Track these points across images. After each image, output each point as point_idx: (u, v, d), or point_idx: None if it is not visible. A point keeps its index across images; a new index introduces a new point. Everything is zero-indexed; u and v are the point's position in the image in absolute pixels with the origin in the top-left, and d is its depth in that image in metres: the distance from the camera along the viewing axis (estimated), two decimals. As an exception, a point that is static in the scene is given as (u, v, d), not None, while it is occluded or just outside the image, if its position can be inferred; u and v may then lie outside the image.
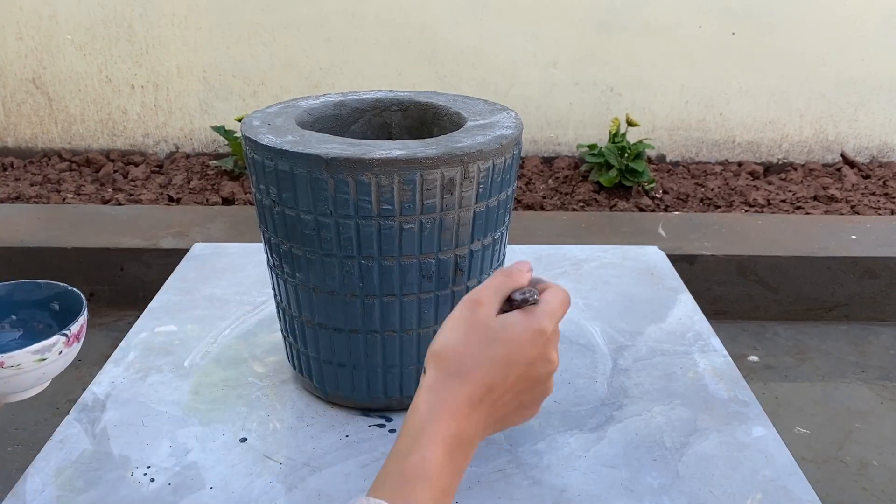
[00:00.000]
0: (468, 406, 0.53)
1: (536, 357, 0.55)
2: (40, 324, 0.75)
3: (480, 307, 0.56)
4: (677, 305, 1.09)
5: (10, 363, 0.64)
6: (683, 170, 2.99)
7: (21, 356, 0.64)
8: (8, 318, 0.75)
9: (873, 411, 1.81)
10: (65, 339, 0.67)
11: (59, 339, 0.67)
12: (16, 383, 0.66)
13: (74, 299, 0.73)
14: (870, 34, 2.90)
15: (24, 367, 0.65)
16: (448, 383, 0.53)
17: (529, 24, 2.88)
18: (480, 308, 0.56)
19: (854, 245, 2.24)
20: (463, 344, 0.54)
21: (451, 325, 0.56)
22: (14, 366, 0.64)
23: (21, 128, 3.05)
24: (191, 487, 0.73)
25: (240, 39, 2.90)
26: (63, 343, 0.67)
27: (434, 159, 0.70)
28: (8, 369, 0.64)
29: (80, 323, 0.69)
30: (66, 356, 0.69)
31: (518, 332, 0.55)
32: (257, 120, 0.82)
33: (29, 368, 0.65)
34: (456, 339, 0.55)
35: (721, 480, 0.75)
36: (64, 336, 0.67)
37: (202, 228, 2.30)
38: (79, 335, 0.70)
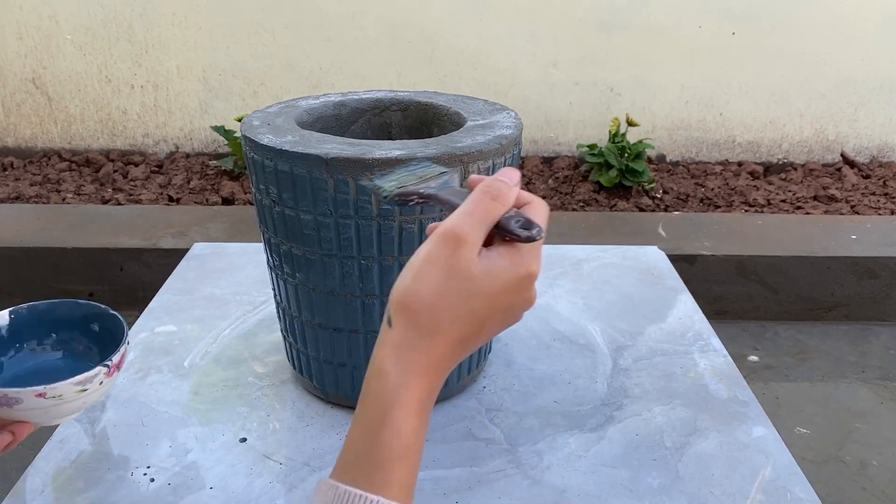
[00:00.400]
0: (442, 362, 0.47)
1: (518, 301, 0.48)
2: (80, 345, 0.73)
3: (462, 247, 0.46)
4: (677, 305, 1.09)
5: (51, 394, 0.62)
6: (683, 170, 2.99)
7: (63, 388, 0.62)
8: (49, 338, 0.73)
9: (873, 411, 1.81)
10: (106, 369, 0.65)
11: (100, 371, 0.65)
12: (55, 413, 0.65)
13: (115, 323, 0.71)
14: (870, 34, 2.90)
15: (65, 398, 0.63)
16: (420, 342, 0.46)
17: (529, 24, 2.88)
18: (462, 248, 0.46)
19: (854, 245, 2.24)
20: (438, 296, 0.45)
21: (425, 269, 0.46)
22: (55, 396, 0.63)
23: (21, 128, 3.05)
24: (191, 487, 0.73)
25: (240, 39, 2.90)
26: (104, 374, 0.65)
27: (434, 159, 0.70)
28: (49, 400, 0.63)
29: (120, 353, 0.67)
30: (107, 386, 0.67)
31: (505, 279, 0.46)
32: (257, 120, 0.82)
33: (70, 399, 0.64)
34: (430, 290, 0.45)
35: (721, 480, 0.75)
36: (105, 367, 0.65)
37: (202, 228, 2.30)
38: (119, 365, 0.68)
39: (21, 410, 0.62)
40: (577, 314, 1.06)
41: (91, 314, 0.73)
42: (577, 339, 1.00)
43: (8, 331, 0.72)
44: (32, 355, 0.73)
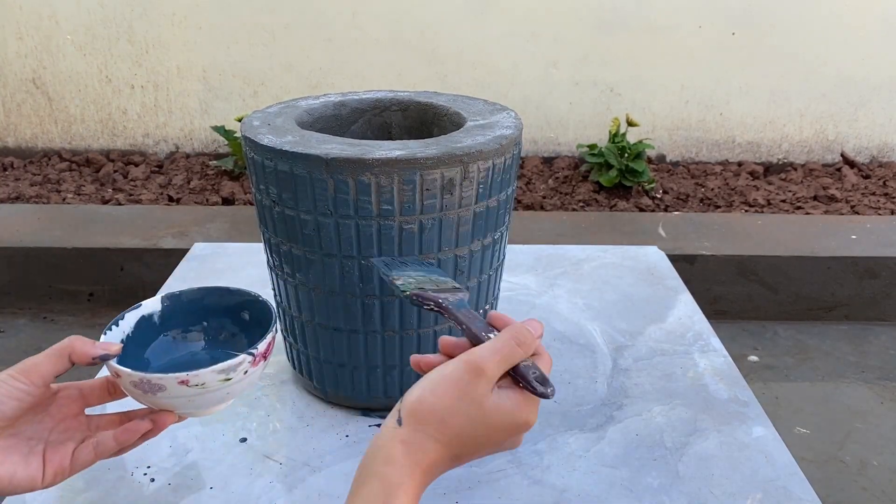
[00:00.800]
0: (437, 467, 0.53)
1: (510, 441, 0.56)
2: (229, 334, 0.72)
3: (480, 378, 0.53)
4: (677, 305, 1.09)
5: (194, 381, 0.60)
6: (683, 170, 2.99)
7: (206, 375, 0.60)
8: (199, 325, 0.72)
9: (873, 411, 1.81)
10: (251, 358, 0.63)
11: (244, 359, 0.62)
12: (199, 402, 0.63)
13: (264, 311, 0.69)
14: (870, 34, 2.90)
15: (209, 387, 0.61)
16: (425, 445, 0.52)
17: (529, 24, 2.88)
18: (480, 379, 0.53)
19: (854, 245, 2.24)
20: (449, 413, 0.52)
21: (443, 387, 0.53)
22: (198, 384, 0.61)
23: (21, 128, 3.05)
24: (191, 487, 0.73)
25: (240, 39, 2.90)
26: (249, 362, 0.63)
27: (434, 159, 0.70)
28: (192, 388, 0.61)
29: (267, 341, 0.64)
30: (252, 375, 0.64)
31: (507, 420, 0.53)
32: (257, 120, 0.82)
33: (213, 388, 0.62)
34: (443, 406, 0.52)
35: (721, 480, 0.75)
36: (250, 355, 0.63)
37: (202, 228, 2.30)
38: (266, 353, 0.65)
39: (164, 398, 0.61)
40: (577, 314, 1.06)
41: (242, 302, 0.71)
42: (577, 339, 1.00)
43: (160, 317, 0.70)
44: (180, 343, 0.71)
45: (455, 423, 0.52)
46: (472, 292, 0.81)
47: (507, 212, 0.82)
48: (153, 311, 0.70)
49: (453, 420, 0.52)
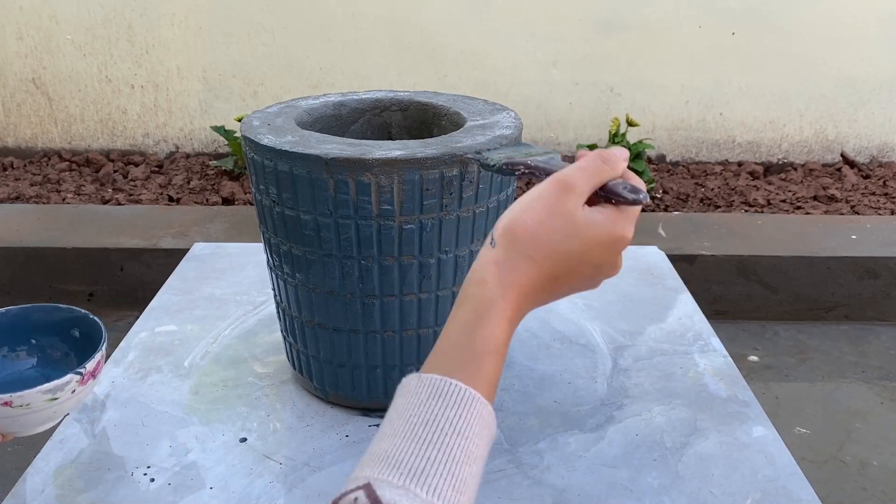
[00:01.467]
0: (532, 289, 0.51)
1: (607, 261, 0.54)
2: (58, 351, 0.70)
3: (570, 193, 0.51)
4: (677, 305, 1.09)
5: (18, 402, 0.60)
6: (683, 170, 2.99)
7: (31, 396, 0.59)
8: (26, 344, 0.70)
9: (873, 411, 1.81)
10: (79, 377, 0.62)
11: (72, 378, 0.61)
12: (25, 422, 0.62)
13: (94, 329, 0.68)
14: (870, 34, 2.90)
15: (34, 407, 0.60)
16: (518, 264, 0.50)
17: (529, 24, 2.88)
18: (570, 194, 0.51)
19: (854, 245, 2.24)
20: (540, 228, 0.51)
21: (533, 205, 0.52)
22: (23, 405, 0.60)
23: (21, 128, 3.05)
24: (191, 487, 0.73)
25: (240, 39, 2.90)
26: (77, 382, 0.62)
27: (434, 159, 0.70)
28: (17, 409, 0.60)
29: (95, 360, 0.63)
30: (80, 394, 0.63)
31: (601, 233, 0.52)
32: (257, 120, 0.82)
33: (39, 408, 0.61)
34: (535, 221, 0.51)
35: (721, 480, 0.75)
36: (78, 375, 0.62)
37: (202, 228, 2.30)
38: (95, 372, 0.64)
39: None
40: (577, 314, 1.06)
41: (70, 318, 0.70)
42: (577, 339, 1.00)
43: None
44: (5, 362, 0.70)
45: (548, 239, 0.51)
46: (472, 292, 0.81)
47: (507, 212, 0.82)
48: None
49: (546, 236, 0.51)
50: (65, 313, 0.70)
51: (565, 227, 0.51)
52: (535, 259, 0.51)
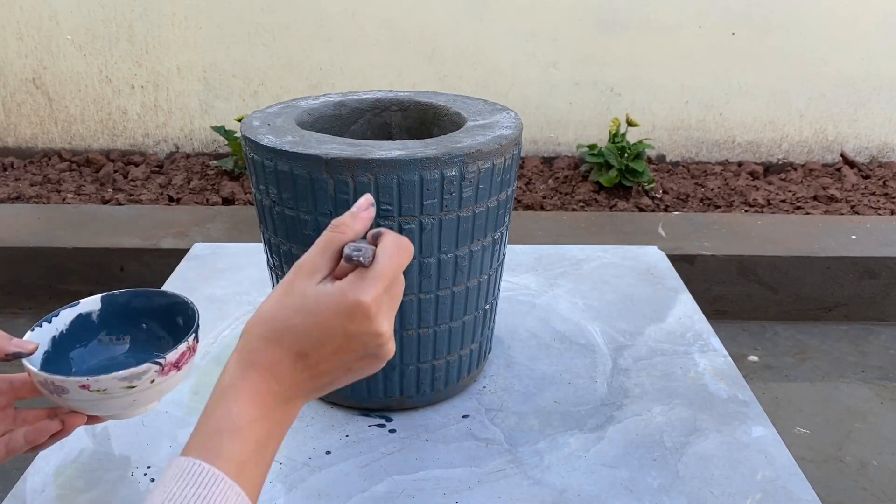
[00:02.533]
0: (278, 368, 0.51)
1: (357, 331, 0.51)
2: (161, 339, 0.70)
3: (300, 271, 0.52)
4: (677, 305, 1.09)
5: (95, 387, 0.59)
6: (683, 170, 2.99)
7: (107, 382, 0.59)
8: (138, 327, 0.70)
9: (873, 411, 1.81)
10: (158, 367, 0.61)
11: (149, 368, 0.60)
12: (106, 407, 0.61)
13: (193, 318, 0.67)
14: (870, 34, 2.90)
15: (112, 393, 0.60)
16: (257, 346, 0.51)
17: (529, 24, 2.88)
18: (300, 272, 0.52)
19: (854, 245, 2.24)
20: (275, 310, 0.51)
21: (271, 294, 0.53)
22: (100, 390, 0.59)
23: (21, 128, 3.05)
24: (191, 487, 0.73)
25: (240, 39, 2.90)
26: (156, 371, 0.61)
27: (434, 159, 0.70)
28: (94, 393, 0.59)
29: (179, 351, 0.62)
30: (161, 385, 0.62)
31: (330, 303, 0.50)
32: (257, 120, 0.82)
33: (117, 394, 0.60)
34: (270, 307, 0.52)
35: (721, 480, 0.75)
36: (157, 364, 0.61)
37: (202, 228, 2.30)
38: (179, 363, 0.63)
39: (69, 400, 0.60)
40: (577, 314, 1.06)
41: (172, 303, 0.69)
42: (577, 339, 1.00)
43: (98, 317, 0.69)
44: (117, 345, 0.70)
45: (282, 317, 0.51)
46: (472, 292, 0.81)
47: (507, 212, 0.82)
48: (91, 311, 0.69)
49: (280, 314, 0.51)
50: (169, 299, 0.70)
51: (297, 304, 0.51)
52: (272, 339, 0.51)
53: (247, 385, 0.50)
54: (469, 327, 0.83)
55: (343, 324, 0.50)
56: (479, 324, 0.85)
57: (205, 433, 0.49)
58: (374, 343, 0.52)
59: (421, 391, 0.83)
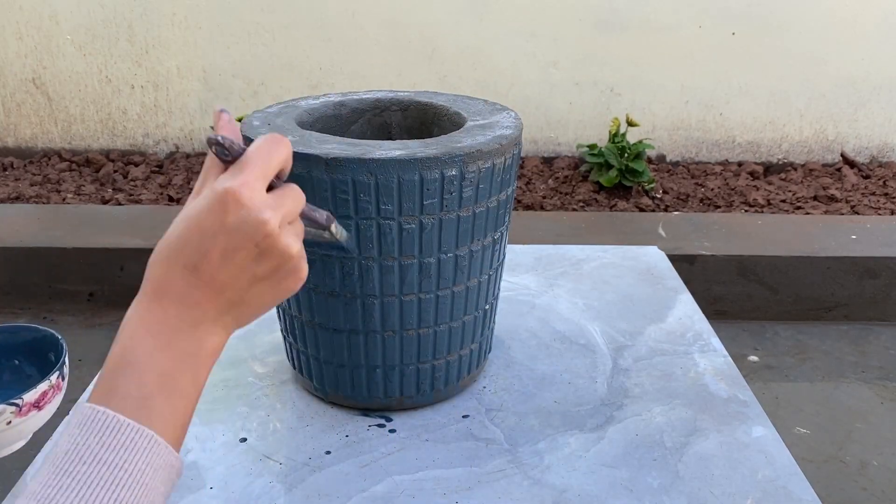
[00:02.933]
0: (169, 289, 0.47)
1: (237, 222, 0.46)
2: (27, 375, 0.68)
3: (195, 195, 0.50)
4: (677, 305, 1.09)
5: None
6: (683, 170, 2.99)
7: None
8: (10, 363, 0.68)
9: (873, 411, 1.81)
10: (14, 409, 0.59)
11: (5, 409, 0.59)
12: None
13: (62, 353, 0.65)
14: (870, 34, 2.90)
15: None
16: (147, 273, 0.47)
17: (529, 24, 2.88)
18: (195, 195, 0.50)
19: (854, 245, 2.24)
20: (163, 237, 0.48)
21: None
22: None
23: (21, 128, 3.05)
24: (191, 487, 0.73)
25: (240, 39, 2.90)
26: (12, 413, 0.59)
27: (434, 159, 0.70)
28: None
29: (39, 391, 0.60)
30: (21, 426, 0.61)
31: (201, 203, 0.47)
32: (257, 120, 0.82)
33: None
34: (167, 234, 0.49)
35: (721, 480, 0.75)
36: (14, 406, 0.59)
37: (202, 228, 2.30)
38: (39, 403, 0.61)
39: None
40: (577, 314, 1.06)
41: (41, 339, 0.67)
42: (577, 339, 1.00)
43: None
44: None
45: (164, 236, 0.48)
46: (472, 292, 0.81)
47: (507, 212, 0.82)
48: None
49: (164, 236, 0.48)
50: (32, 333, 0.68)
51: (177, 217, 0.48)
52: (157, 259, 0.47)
53: (139, 315, 0.46)
54: (469, 327, 0.83)
55: (219, 219, 0.46)
56: (479, 324, 0.85)
57: (102, 374, 0.46)
58: (262, 234, 0.47)
59: (421, 391, 0.83)
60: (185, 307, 0.47)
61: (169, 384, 0.45)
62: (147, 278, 0.47)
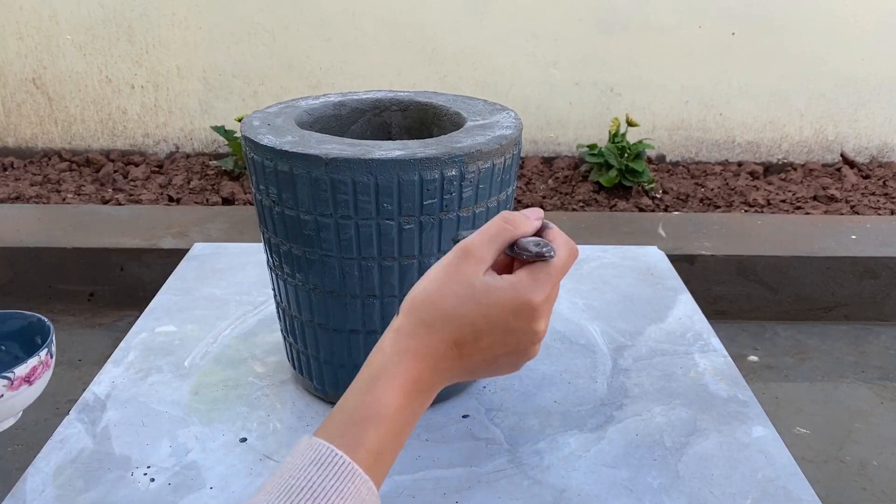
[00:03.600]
0: (433, 356, 0.50)
1: (519, 328, 0.50)
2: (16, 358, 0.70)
3: (468, 258, 0.51)
4: (677, 305, 1.09)
5: None
6: (683, 170, 2.99)
7: None
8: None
9: (873, 411, 1.81)
10: (6, 382, 0.61)
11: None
12: None
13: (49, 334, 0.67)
14: (870, 34, 2.90)
15: None
16: (416, 330, 0.50)
17: (529, 24, 2.88)
18: (468, 259, 0.51)
19: (854, 245, 2.24)
20: (438, 295, 0.50)
21: (435, 273, 0.51)
22: None
23: (21, 128, 3.05)
24: (191, 487, 0.73)
25: (240, 39, 2.90)
26: (4, 386, 0.61)
27: (434, 159, 0.70)
28: None
29: (30, 365, 0.62)
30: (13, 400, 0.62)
31: (501, 298, 0.50)
32: (257, 120, 0.82)
33: None
34: (433, 289, 0.50)
35: (721, 480, 0.75)
36: (5, 379, 0.61)
37: (202, 228, 2.30)
38: (30, 378, 0.62)
39: None
40: (577, 314, 1.06)
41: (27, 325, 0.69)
42: (577, 339, 1.00)
43: None
44: None
45: (445, 304, 0.50)
46: (472, 292, 0.81)
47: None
48: None
49: (444, 301, 0.50)
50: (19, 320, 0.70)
51: (463, 292, 0.50)
52: (433, 325, 0.50)
53: (400, 371, 0.49)
54: (469, 327, 0.83)
55: (508, 319, 0.50)
56: (479, 324, 0.85)
57: (349, 418, 0.48)
58: (529, 341, 0.51)
59: (421, 391, 0.83)
60: (437, 372, 0.50)
61: (399, 439, 0.49)
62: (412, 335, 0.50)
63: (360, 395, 0.49)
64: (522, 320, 0.50)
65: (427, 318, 0.50)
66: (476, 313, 0.50)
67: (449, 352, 0.50)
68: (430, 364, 0.50)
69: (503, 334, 0.50)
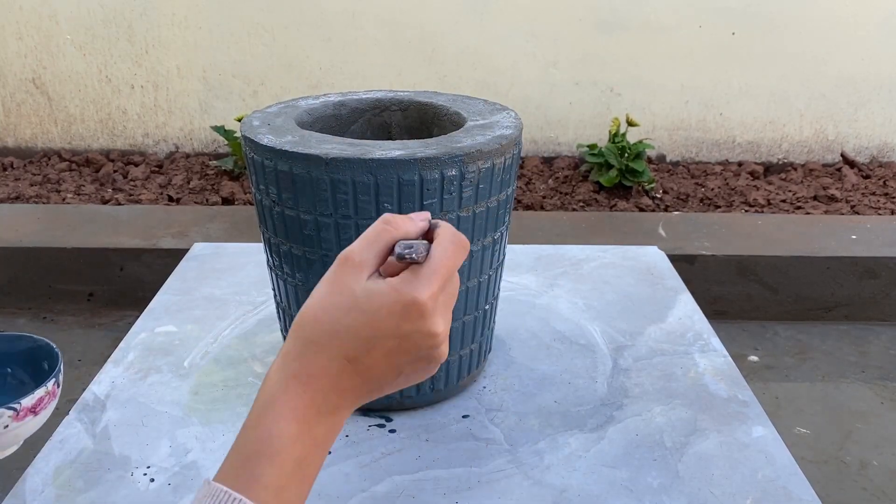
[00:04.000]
0: (326, 376, 0.46)
1: (411, 330, 0.47)
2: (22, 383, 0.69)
3: (347, 265, 0.48)
4: (677, 305, 1.09)
5: None
6: (683, 170, 2.99)
7: None
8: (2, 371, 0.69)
9: (873, 411, 1.81)
10: (12, 412, 0.61)
11: (3, 413, 0.60)
12: None
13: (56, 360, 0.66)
14: (870, 34, 2.90)
15: None
16: (303, 351, 0.46)
17: (529, 24, 2.88)
18: (347, 266, 0.48)
19: (854, 245, 2.24)
20: (321, 309, 0.47)
21: (318, 288, 0.48)
22: None
23: (21, 128, 3.05)
24: (191, 487, 0.73)
25: (240, 39, 2.90)
26: (9, 417, 0.61)
27: (434, 159, 0.70)
28: None
29: (36, 396, 0.62)
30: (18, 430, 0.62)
31: (384, 303, 0.46)
32: (257, 120, 0.82)
33: None
34: (316, 304, 0.47)
35: (721, 480, 0.75)
36: (12, 410, 0.61)
37: (202, 228, 2.30)
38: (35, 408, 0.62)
39: None
40: (577, 314, 1.06)
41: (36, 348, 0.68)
42: (577, 339, 1.00)
43: None
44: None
45: (328, 318, 0.46)
46: (472, 292, 0.81)
47: (507, 212, 0.82)
48: None
49: (325, 315, 0.47)
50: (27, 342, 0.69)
51: (345, 302, 0.46)
52: (320, 343, 0.46)
53: (288, 399, 0.46)
54: (469, 327, 0.83)
55: (397, 324, 0.46)
56: (479, 324, 0.85)
57: (241, 456, 0.45)
58: (428, 344, 0.48)
59: (421, 391, 0.83)
60: (334, 393, 0.47)
61: (302, 471, 0.46)
62: (299, 358, 0.47)
63: (250, 431, 0.46)
64: (412, 322, 0.47)
65: (313, 336, 0.47)
66: (361, 322, 0.46)
67: (343, 369, 0.47)
68: (325, 385, 0.46)
69: (397, 340, 0.47)
